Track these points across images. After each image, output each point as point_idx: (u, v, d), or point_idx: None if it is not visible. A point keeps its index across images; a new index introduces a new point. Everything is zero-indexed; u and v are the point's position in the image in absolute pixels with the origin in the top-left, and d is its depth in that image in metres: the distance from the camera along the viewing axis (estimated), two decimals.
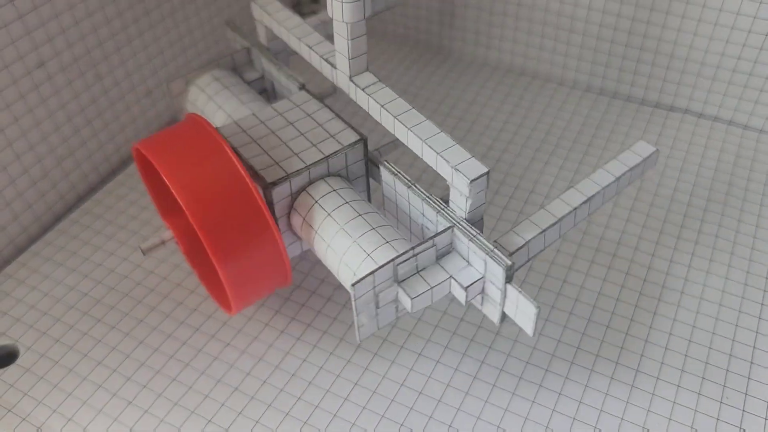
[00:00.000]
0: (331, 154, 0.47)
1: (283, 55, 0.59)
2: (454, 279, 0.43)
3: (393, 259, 0.41)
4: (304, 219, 0.46)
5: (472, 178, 0.42)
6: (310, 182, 0.47)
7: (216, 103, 0.54)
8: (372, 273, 0.41)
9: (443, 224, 0.44)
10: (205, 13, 0.72)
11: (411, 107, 0.46)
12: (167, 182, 0.43)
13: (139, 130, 0.69)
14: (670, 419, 0.47)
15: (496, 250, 0.42)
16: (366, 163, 0.49)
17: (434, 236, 0.43)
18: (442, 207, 0.45)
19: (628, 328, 0.52)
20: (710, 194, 0.61)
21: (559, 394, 0.48)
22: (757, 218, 0.59)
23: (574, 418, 0.47)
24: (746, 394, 0.48)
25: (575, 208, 0.46)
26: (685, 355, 0.50)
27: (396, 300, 0.44)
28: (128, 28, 0.64)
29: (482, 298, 0.44)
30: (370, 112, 0.48)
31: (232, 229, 0.43)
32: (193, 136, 0.45)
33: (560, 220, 0.45)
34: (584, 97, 0.73)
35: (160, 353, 0.52)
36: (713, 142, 0.66)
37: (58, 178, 0.62)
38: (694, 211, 0.60)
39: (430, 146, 0.44)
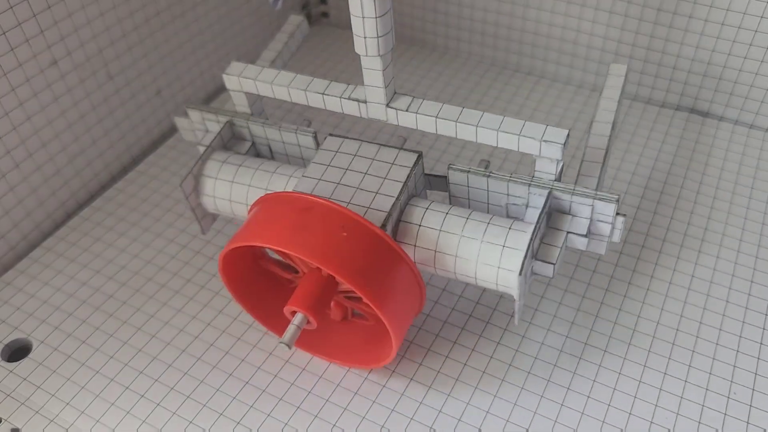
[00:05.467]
0: (407, 178, 0.48)
1: (263, 114, 0.56)
2: (571, 233, 0.47)
3: (531, 238, 0.44)
4: (415, 245, 0.47)
5: (564, 142, 0.45)
6: (401, 212, 0.48)
7: (243, 184, 0.51)
8: (525, 257, 0.44)
9: (537, 193, 0.47)
10: (214, 14, 0.73)
11: (462, 107, 0.48)
12: (310, 260, 0.42)
13: (150, 129, 0.70)
14: (656, 405, 0.47)
15: (599, 193, 0.46)
16: (424, 177, 0.51)
17: (545, 205, 0.46)
18: (530, 179, 0.47)
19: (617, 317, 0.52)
20: (717, 192, 0.62)
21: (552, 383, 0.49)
22: (763, 215, 0.60)
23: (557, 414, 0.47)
24: (753, 389, 0.48)
25: (609, 137, 0.51)
26: (673, 344, 0.51)
27: (532, 273, 0.47)
28: (139, 28, 0.65)
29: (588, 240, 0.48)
30: (419, 128, 0.49)
31: (381, 277, 0.43)
32: (294, 210, 0.45)
33: (607, 150, 0.50)
34: (591, 96, 0.73)
35: (172, 347, 0.52)
36: (719, 141, 0.67)
37: (70, 176, 0.63)
38: (701, 208, 0.60)
39: (507, 131, 0.46)
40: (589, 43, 0.72)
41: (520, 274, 0.43)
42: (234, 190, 0.52)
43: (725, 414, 0.47)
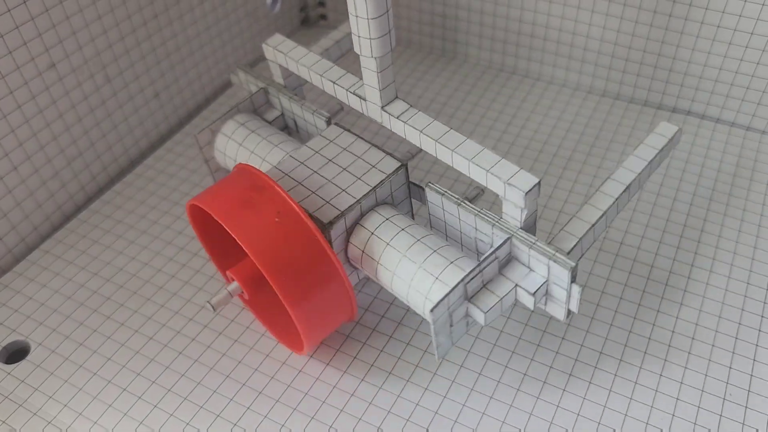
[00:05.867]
0: (378, 184, 0.47)
1: (299, 90, 0.59)
2: (520, 287, 0.44)
3: (463, 279, 0.42)
4: (363, 251, 0.47)
5: (527, 190, 0.43)
6: (362, 215, 0.47)
7: (247, 149, 0.54)
8: (446, 296, 0.41)
9: (499, 236, 0.45)
10: (212, 17, 0.73)
11: (449, 128, 0.47)
12: (234, 235, 0.43)
13: (148, 131, 0.70)
14: (673, 415, 0.47)
15: (558, 254, 0.42)
16: (408, 187, 0.50)
17: (495, 250, 0.43)
18: (497, 220, 0.45)
19: (632, 326, 0.53)
20: (713, 194, 0.62)
21: (584, 398, 0.49)
22: (759, 217, 0.60)
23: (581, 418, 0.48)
24: (749, 390, 0.48)
25: (617, 198, 0.48)
26: (689, 353, 0.51)
27: (467, 315, 0.44)
28: (137, 30, 0.65)
29: (546, 299, 0.45)
30: (406, 138, 0.49)
31: (301, 273, 0.44)
32: (248, 186, 0.46)
33: (605, 212, 0.47)
34: (587, 98, 0.73)
35: (170, 349, 0.52)
36: (716, 143, 0.67)
37: (68, 179, 0.63)
38: (697, 210, 0.61)
39: (478, 164, 0.44)
40: (585, 46, 0.72)
41: (431, 310, 0.41)
42: (240, 153, 0.54)
43: (720, 415, 0.47)
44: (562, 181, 0.64)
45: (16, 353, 0.54)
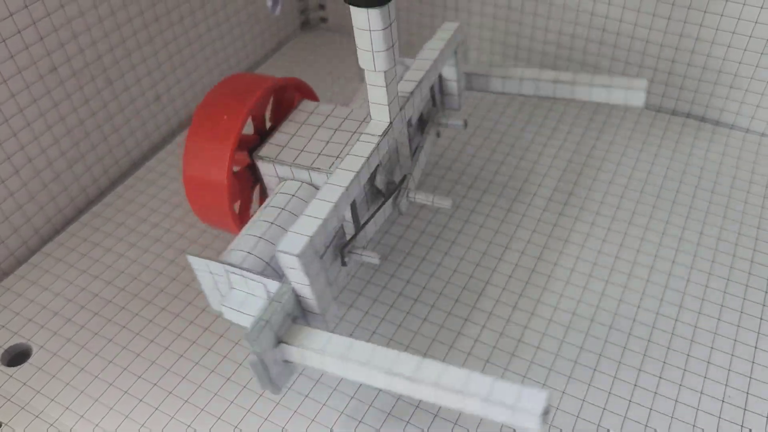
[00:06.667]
0: (315, 168, 0.49)
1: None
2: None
3: (222, 261, 0.45)
4: (267, 202, 0.50)
5: (282, 250, 0.41)
6: (293, 177, 0.50)
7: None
8: (203, 260, 0.45)
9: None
10: (212, 20, 0.74)
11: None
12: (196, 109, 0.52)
13: (149, 134, 0.70)
14: None
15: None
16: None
17: (260, 271, 0.45)
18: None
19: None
20: (712, 197, 0.62)
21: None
22: (758, 220, 0.60)
23: None
24: (747, 393, 0.49)
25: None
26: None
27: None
28: (138, 33, 0.65)
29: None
30: None
31: (202, 157, 0.50)
32: (250, 84, 0.52)
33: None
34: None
35: (170, 352, 0.53)
36: (715, 145, 0.67)
37: (70, 182, 0.63)
38: (696, 213, 0.61)
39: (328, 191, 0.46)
40: (598, 52, 0.72)
41: (187, 252, 0.49)
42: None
43: (719, 417, 0.47)
44: (562, 192, 0.64)
45: (18, 356, 0.54)
